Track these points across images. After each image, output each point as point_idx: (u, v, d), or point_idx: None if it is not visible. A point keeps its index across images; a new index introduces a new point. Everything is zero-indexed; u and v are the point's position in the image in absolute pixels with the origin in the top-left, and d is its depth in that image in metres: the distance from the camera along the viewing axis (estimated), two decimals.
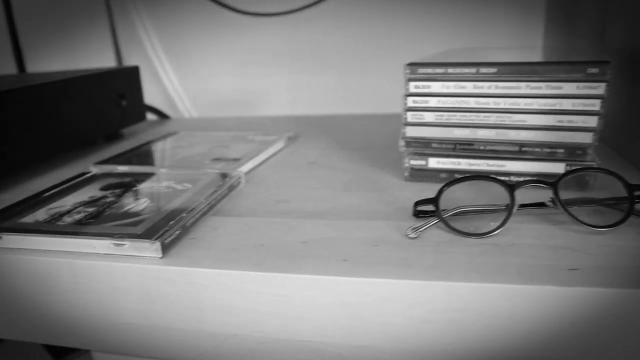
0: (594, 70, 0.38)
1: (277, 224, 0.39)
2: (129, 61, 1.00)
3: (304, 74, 0.94)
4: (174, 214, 0.40)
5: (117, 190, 0.47)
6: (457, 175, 0.44)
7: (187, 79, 0.99)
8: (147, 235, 0.36)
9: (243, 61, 0.96)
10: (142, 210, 0.41)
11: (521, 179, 0.43)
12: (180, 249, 0.36)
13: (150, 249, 0.36)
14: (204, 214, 0.42)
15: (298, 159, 0.56)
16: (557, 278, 0.29)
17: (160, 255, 0.35)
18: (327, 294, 0.32)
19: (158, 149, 0.60)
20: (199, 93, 1.00)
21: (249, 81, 0.97)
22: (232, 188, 0.47)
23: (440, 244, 0.34)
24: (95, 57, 1.02)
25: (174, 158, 0.56)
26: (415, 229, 0.35)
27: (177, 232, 0.38)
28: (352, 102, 0.93)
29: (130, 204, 0.43)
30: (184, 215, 0.40)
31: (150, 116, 0.97)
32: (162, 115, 0.97)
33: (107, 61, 1.01)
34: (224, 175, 0.48)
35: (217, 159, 0.54)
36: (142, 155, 0.58)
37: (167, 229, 0.37)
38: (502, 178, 0.43)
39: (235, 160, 0.53)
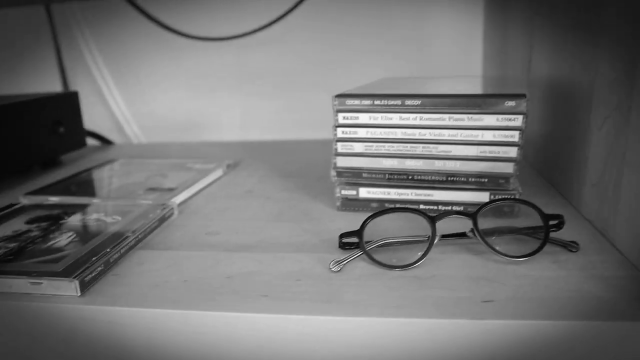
0: (511, 103, 0.39)
1: (204, 258, 0.39)
2: (75, 85, 0.98)
3: (254, 97, 0.94)
4: (98, 249, 0.39)
5: (44, 224, 0.45)
6: (388, 205, 0.45)
7: (135, 103, 0.98)
8: (66, 273, 0.35)
9: (193, 85, 0.95)
10: (65, 246, 0.40)
11: (449, 207, 0.43)
12: (101, 286, 0.36)
13: (68, 287, 0.35)
14: (131, 247, 0.41)
15: (235, 188, 0.56)
16: (471, 311, 0.30)
17: (79, 294, 0.34)
18: (246, 331, 0.31)
19: (94, 177, 0.59)
20: (147, 117, 0.99)
21: (199, 105, 0.97)
22: (163, 220, 0.46)
23: (362, 277, 0.35)
24: (40, 81, 1.00)
25: (108, 188, 0.54)
26: (338, 263, 0.35)
27: (100, 268, 0.37)
28: (301, 127, 0.94)
29: (56, 238, 0.42)
30: (108, 250, 0.39)
31: (93, 142, 0.95)
32: (105, 141, 0.95)
33: (53, 85, 0.99)
34: (155, 207, 0.47)
35: (152, 189, 0.53)
36: (76, 184, 0.56)
37: (89, 266, 0.36)
38: (428, 207, 0.44)
39: (170, 190, 0.52)
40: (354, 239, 0.37)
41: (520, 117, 0.40)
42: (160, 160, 0.66)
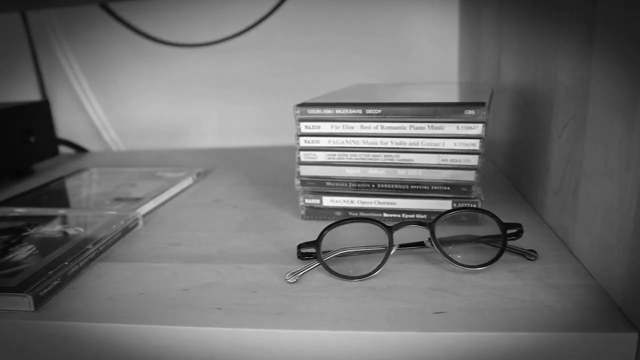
0: (470, 111, 0.39)
1: (163, 270, 0.38)
2: (53, 91, 0.97)
3: (233, 103, 0.94)
4: (56, 263, 0.39)
5: (5, 237, 0.45)
6: (351, 213, 0.45)
7: (112, 110, 0.97)
8: (21, 288, 0.35)
9: (172, 91, 0.95)
10: (24, 259, 0.40)
11: (412, 215, 0.43)
12: (57, 300, 0.35)
13: (22, 302, 0.34)
14: (91, 260, 0.41)
15: (203, 197, 0.55)
16: (421, 323, 0.30)
17: (33, 309, 0.34)
18: (198, 344, 0.31)
19: (63, 187, 0.59)
20: (126, 124, 0.98)
21: (178, 111, 0.96)
22: (127, 231, 0.46)
23: (317, 288, 0.34)
24: (17, 88, 0.99)
25: (76, 198, 0.54)
26: (294, 274, 0.35)
27: (56, 282, 0.36)
28: (280, 132, 0.93)
29: (15, 252, 0.41)
30: (67, 263, 0.38)
31: (68, 150, 0.94)
32: (79, 149, 0.95)
33: (30, 92, 0.98)
34: (120, 218, 0.47)
35: (118, 199, 0.53)
36: (44, 195, 0.56)
37: (44, 280, 0.36)
38: (391, 216, 0.44)
39: (137, 200, 0.52)
40: (313, 249, 0.37)
41: (480, 125, 0.40)
42: (131, 169, 0.65)
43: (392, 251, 0.36)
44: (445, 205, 0.42)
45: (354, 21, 0.87)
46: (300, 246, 0.37)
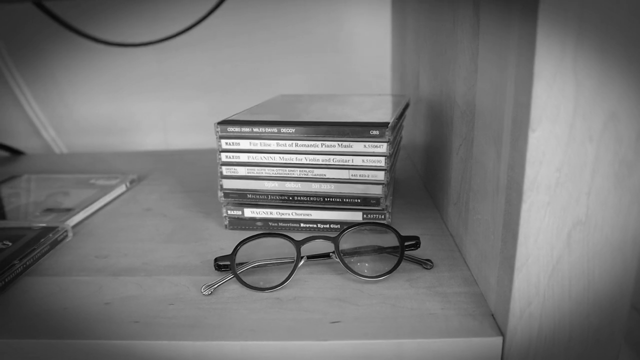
0: (375, 132, 0.43)
1: (88, 284, 0.41)
2: None
3: (175, 102, 0.95)
4: None
5: None
6: (271, 224, 0.48)
7: (50, 107, 0.97)
8: None
9: (113, 89, 0.95)
10: None
11: (327, 225, 0.47)
12: None
13: None
14: (18, 275, 0.42)
15: (134, 206, 0.57)
16: (317, 332, 0.33)
17: None
18: (116, 358, 0.34)
19: None
20: (65, 121, 0.98)
21: (120, 110, 0.96)
22: (55, 244, 0.47)
23: (229, 300, 0.37)
24: None
25: (6, 208, 0.55)
26: (209, 286, 0.38)
27: None
28: None
29: None
30: None
31: (3, 153, 0.94)
32: (15, 152, 0.94)
33: None
34: (48, 230, 0.48)
35: (49, 210, 0.54)
36: None
37: None
38: (308, 226, 0.47)
39: (68, 210, 0.53)
40: (228, 262, 0.40)
41: (385, 144, 0.43)
42: (65, 175, 0.66)
43: (300, 264, 0.39)
44: (357, 216, 0.46)
45: (295, 21, 0.89)
46: (217, 259, 0.40)
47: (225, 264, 0.40)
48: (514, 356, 0.32)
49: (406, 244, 0.40)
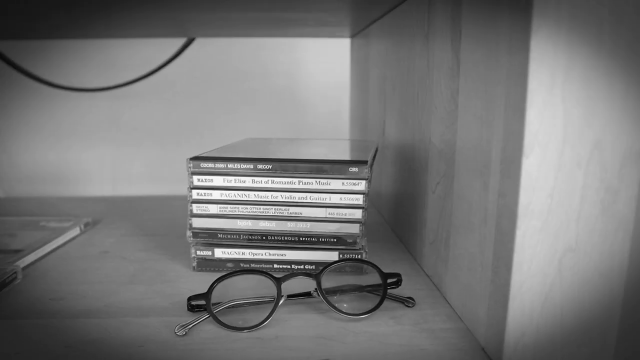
0: (354, 169, 0.43)
1: (44, 327, 0.37)
2: None
3: (126, 150, 0.92)
4: None
5: None
6: (243, 265, 0.46)
7: None
8: None
9: (61, 136, 0.91)
10: None
11: (302, 266, 0.45)
12: None
13: None
14: None
15: (91, 248, 0.54)
16: None
17: None
18: None
19: None
20: (6, 168, 0.92)
21: (67, 157, 0.92)
22: (3, 285, 0.43)
23: (206, 340, 0.35)
24: None
25: None
26: (184, 327, 0.35)
27: None
28: (173, 181, 0.93)
29: None
30: None
31: None
32: None
33: None
34: None
35: None
36: None
37: None
38: (281, 267, 0.45)
39: (17, 251, 0.49)
40: (203, 302, 0.37)
41: (364, 182, 0.43)
42: (10, 218, 0.62)
43: (281, 302, 0.37)
44: (333, 256, 0.45)
45: (251, 71, 0.90)
46: (190, 298, 0.38)
47: (199, 304, 0.38)
48: None
49: (388, 281, 0.39)
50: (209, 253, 0.45)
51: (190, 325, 0.36)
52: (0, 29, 0.66)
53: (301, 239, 0.44)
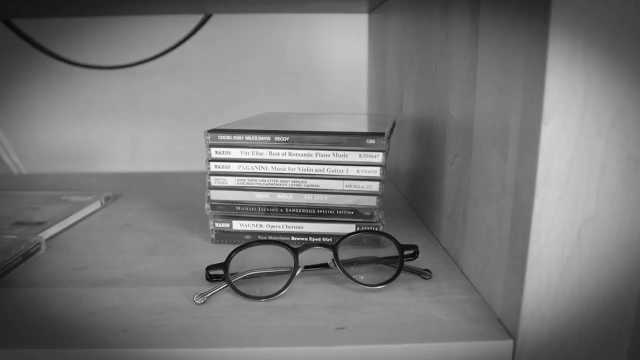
0: (371, 141, 0.42)
1: (67, 295, 0.38)
2: None
3: (146, 127, 0.93)
4: None
5: None
6: (260, 237, 0.46)
7: (13, 130, 0.93)
8: None
9: (82, 114, 0.92)
10: None
11: (319, 239, 0.45)
12: None
13: None
14: None
15: (111, 222, 0.55)
16: (322, 338, 0.31)
17: None
18: None
19: None
20: (29, 146, 0.94)
21: (88, 135, 0.94)
22: (27, 256, 0.44)
23: (224, 308, 0.35)
24: None
25: None
26: (202, 295, 0.36)
27: None
28: (192, 158, 0.93)
29: None
30: None
31: None
32: None
33: None
34: (20, 242, 0.45)
35: (19, 223, 0.51)
36: None
37: None
38: (299, 239, 0.46)
39: (39, 224, 0.50)
40: (221, 271, 0.38)
41: (381, 154, 0.43)
42: (34, 192, 0.63)
43: (298, 272, 0.37)
44: (350, 228, 0.45)
45: (270, 48, 0.90)
46: (208, 268, 0.38)
47: (217, 274, 0.38)
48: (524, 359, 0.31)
49: (405, 252, 0.39)
50: (227, 225, 0.46)
51: (209, 294, 0.36)
52: (19, 8, 0.67)
53: (318, 211, 0.44)
